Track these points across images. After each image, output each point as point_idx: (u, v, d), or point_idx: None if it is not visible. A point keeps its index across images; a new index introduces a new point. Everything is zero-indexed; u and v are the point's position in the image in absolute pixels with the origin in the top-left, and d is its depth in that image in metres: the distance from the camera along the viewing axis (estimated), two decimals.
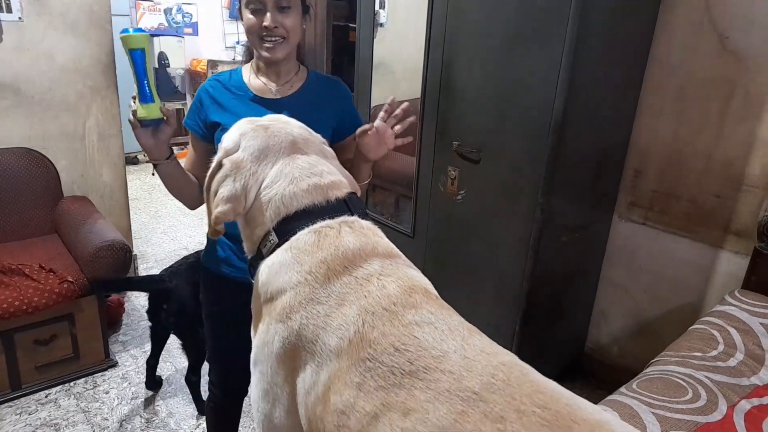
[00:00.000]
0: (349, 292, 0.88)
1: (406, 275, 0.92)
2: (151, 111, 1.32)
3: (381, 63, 2.68)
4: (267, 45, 1.39)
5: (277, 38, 1.38)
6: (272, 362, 0.93)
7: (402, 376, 0.78)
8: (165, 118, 1.33)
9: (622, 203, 2.36)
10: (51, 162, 2.81)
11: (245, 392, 1.67)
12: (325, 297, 0.88)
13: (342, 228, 0.96)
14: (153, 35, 5.53)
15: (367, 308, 0.85)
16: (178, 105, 5.58)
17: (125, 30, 1.31)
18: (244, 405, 1.72)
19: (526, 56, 1.93)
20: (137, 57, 1.30)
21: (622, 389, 1.50)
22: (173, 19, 5.58)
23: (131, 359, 2.63)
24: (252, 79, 1.49)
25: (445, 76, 2.23)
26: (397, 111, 1.39)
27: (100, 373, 2.52)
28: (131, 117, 1.32)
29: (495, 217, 2.16)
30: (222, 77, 1.49)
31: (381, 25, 2.68)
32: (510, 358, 0.80)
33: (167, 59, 5.60)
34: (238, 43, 6.14)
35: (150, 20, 5.45)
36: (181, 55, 5.64)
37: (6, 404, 2.30)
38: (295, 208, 0.97)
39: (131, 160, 5.47)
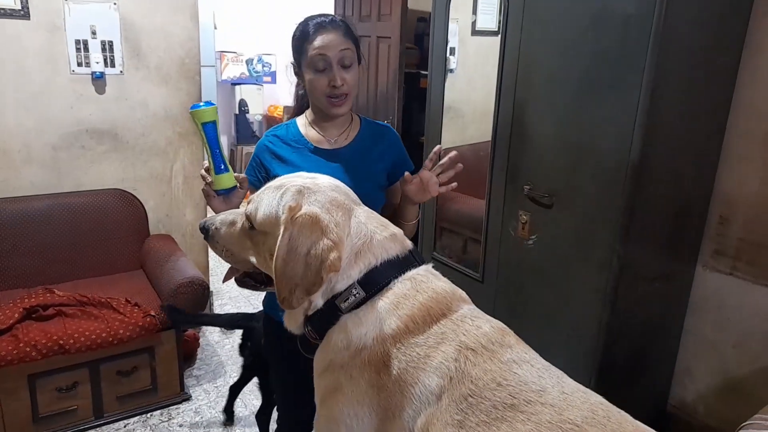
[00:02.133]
0: (446, 332, 0.90)
1: (493, 318, 0.96)
2: (227, 180, 1.36)
3: (450, 107, 2.73)
4: (333, 101, 1.44)
5: (342, 95, 1.44)
6: (364, 415, 0.92)
7: (504, 409, 0.79)
8: (238, 184, 1.38)
9: (706, 252, 2.23)
10: (141, 202, 3.01)
11: None
12: (423, 339, 0.90)
13: (428, 275, 0.99)
14: (234, 84, 5.90)
15: (467, 345, 0.87)
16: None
17: (196, 105, 1.33)
18: None
19: (600, 103, 1.91)
20: (209, 129, 1.32)
21: None
22: (254, 68, 5.93)
23: (204, 393, 2.71)
24: (309, 130, 1.53)
25: (517, 121, 2.24)
26: (444, 160, 1.41)
27: (174, 406, 2.61)
28: (206, 187, 1.36)
29: (568, 265, 2.10)
30: (279, 132, 1.54)
31: (451, 71, 2.74)
32: (605, 400, 0.82)
33: (247, 106, 5.93)
34: None
35: (233, 70, 5.82)
36: (259, 102, 5.97)
37: None
38: (382, 259, 0.99)
39: None
